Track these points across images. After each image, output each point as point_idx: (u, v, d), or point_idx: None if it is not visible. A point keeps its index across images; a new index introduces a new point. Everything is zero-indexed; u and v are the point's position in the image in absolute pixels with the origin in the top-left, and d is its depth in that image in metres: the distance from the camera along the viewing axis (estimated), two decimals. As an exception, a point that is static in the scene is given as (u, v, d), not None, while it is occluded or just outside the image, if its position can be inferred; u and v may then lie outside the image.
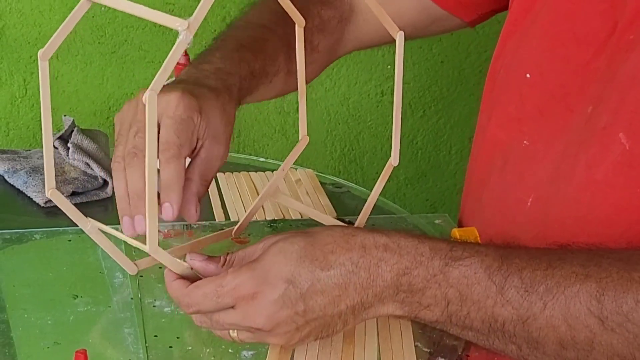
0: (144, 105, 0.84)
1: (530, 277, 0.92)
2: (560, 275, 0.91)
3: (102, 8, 1.66)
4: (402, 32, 1.07)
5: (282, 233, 0.95)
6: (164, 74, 0.85)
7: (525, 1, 1.23)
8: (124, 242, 1.13)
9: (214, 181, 1.38)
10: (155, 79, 0.84)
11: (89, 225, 1.05)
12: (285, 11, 1.11)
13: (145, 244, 0.90)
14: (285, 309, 0.90)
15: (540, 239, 1.02)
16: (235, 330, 0.93)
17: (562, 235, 1.06)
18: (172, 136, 0.98)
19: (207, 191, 1.04)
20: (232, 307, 0.91)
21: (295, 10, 1.12)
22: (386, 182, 1.13)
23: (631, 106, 1.03)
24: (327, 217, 1.21)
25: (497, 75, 1.25)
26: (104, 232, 1.07)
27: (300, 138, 1.22)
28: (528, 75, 1.17)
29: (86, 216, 1.03)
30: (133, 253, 1.14)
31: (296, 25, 1.15)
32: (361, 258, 0.92)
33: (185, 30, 0.85)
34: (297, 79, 1.13)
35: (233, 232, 1.21)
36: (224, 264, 0.95)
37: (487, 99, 1.28)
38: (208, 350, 0.98)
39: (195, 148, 1.02)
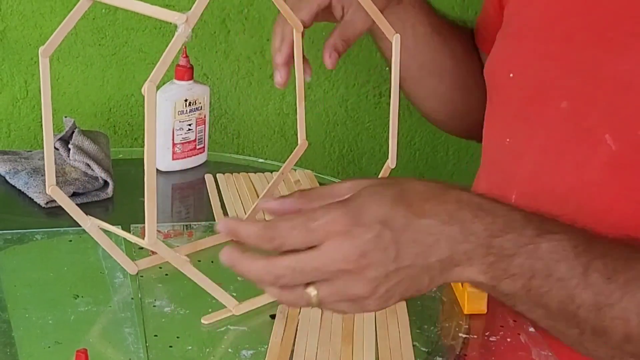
0: None
1: (613, 266, 0.90)
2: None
3: (103, 10, 1.66)
4: (398, 35, 1.07)
5: (371, 178, 0.92)
6: (163, 66, 0.85)
7: (515, 4, 1.25)
8: (125, 242, 1.14)
9: (213, 182, 1.39)
10: (154, 71, 0.85)
11: (89, 223, 1.05)
12: None
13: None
14: (377, 252, 0.85)
15: None
16: (315, 288, 0.86)
17: None
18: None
19: (339, 55, 1.22)
20: (317, 247, 0.85)
21: (293, 14, 1.13)
22: (384, 183, 1.13)
23: (619, 110, 1.05)
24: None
25: (487, 77, 1.27)
26: (104, 231, 1.07)
27: (299, 142, 1.22)
28: (511, 75, 1.18)
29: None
30: (133, 253, 1.14)
31: (294, 30, 1.16)
32: (456, 211, 0.88)
33: (183, 24, 0.86)
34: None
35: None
36: (300, 199, 0.90)
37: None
38: (208, 349, 0.98)
39: (342, 14, 1.23)
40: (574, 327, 0.92)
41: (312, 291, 0.86)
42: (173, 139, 1.42)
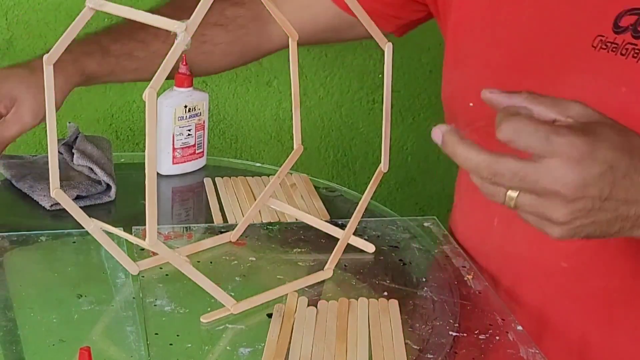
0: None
1: None
2: None
3: (105, 19, 1.66)
4: (390, 44, 1.07)
5: (596, 112, 0.90)
6: (163, 73, 0.85)
7: (460, 33, 1.25)
8: (126, 243, 1.14)
9: (212, 185, 1.39)
10: (154, 77, 0.85)
11: (92, 225, 1.05)
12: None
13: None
14: (595, 188, 0.84)
15: (512, 262, 1.03)
16: (517, 192, 0.86)
17: (529, 253, 1.13)
18: None
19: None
20: (544, 161, 0.84)
21: (288, 23, 1.13)
22: (377, 187, 1.14)
23: None
24: (317, 220, 1.21)
25: (447, 103, 1.27)
26: (106, 233, 1.07)
27: (294, 147, 1.22)
28: (471, 104, 1.18)
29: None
30: (135, 254, 1.14)
31: (290, 39, 1.16)
32: None
33: (183, 32, 0.86)
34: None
35: (231, 237, 1.21)
36: (529, 98, 0.89)
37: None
38: (207, 347, 0.98)
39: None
40: None
41: (512, 194, 0.87)
42: (173, 144, 1.42)
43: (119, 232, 1.08)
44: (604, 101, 1.00)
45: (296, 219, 1.27)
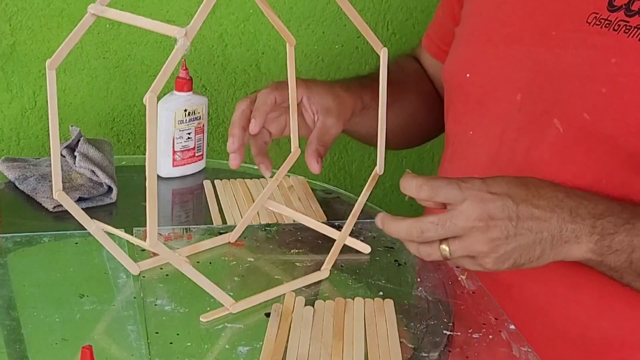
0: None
1: None
2: None
3: (107, 25, 1.66)
4: (385, 49, 1.07)
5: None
6: (163, 77, 0.85)
7: (469, 8, 1.32)
8: (127, 244, 1.14)
9: (211, 187, 1.39)
10: (155, 82, 0.85)
11: (94, 226, 1.05)
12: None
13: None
14: (502, 216, 0.98)
15: None
16: (447, 244, 1.00)
17: None
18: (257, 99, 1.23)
19: (320, 157, 1.24)
20: (455, 208, 0.99)
21: (286, 29, 1.13)
22: (373, 189, 1.14)
23: (565, 97, 1.12)
24: (314, 222, 1.21)
25: (446, 78, 1.34)
26: (108, 234, 1.07)
27: (292, 150, 1.22)
28: (468, 75, 1.25)
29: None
30: (136, 255, 1.14)
31: (287, 44, 1.16)
32: (565, 198, 1.02)
33: (182, 38, 0.85)
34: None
35: (230, 237, 1.21)
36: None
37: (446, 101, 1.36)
38: (206, 346, 0.98)
39: (314, 120, 1.27)
40: None
41: (444, 246, 1.00)
42: (173, 147, 1.42)
43: (120, 233, 1.08)
44: (595, 70, 1.10)
45: (294, 221, 1.27)
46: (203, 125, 1.45)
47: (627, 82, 1.07)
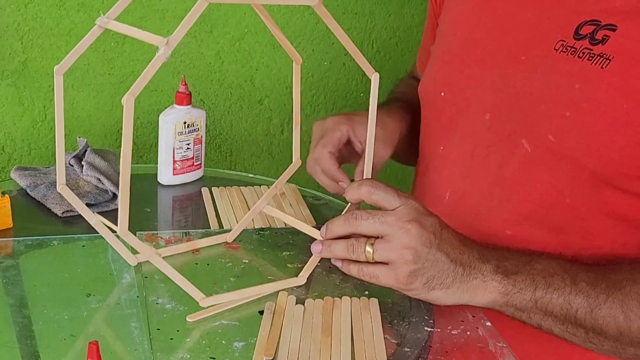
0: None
1: (594, 276, 1.02)
2: (616, 279, 1.01)
3: (112, 43, 1.66)
4: (377, 74, 1.07)
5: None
6: (142, 81, 0.86)
7: (443, 29, 1.32)
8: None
9: (209, 194, 1.39)
10: (134, 85, 0.85)
11: (94, 219, 1.06)
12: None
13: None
14: (431, 227, 1.01)
15: (459, 227, 1.06)
16: (372, 247, 1.01)
17: (477, 222, 1.18)
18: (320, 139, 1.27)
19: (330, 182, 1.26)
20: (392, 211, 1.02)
21: (292, 48, 1.13)
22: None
23: (532, 118, 1.12)
24: (307, 226, 1.21)
25: (422, 95, 1.33)
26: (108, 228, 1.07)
27: (293, 161, 1.22)
28: (442, 94, 1.24)
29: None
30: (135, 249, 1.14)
31: (294, 63, 1.16)
32: (474, 242, 1.06)
33: (164, 47, 0.86)
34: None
35: (227, 237, 1.21)
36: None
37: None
38: (204, 341, 0.98)
39: (362, 147, 1.27)
40: (580, 328, 1.02)
41: (369, 248, 1.01)
42: (174, 157, 1.42)
43: (111, 225, 1.09)
44: (560, 94, 1.09)
45: (285, 225, 1.27)
46: (201, 137, 1.45)
47: (589, 106, 1.06)
